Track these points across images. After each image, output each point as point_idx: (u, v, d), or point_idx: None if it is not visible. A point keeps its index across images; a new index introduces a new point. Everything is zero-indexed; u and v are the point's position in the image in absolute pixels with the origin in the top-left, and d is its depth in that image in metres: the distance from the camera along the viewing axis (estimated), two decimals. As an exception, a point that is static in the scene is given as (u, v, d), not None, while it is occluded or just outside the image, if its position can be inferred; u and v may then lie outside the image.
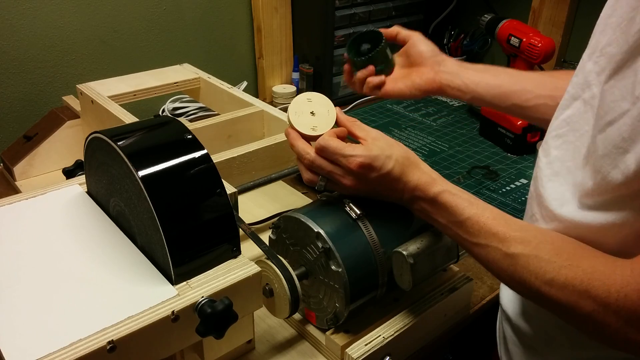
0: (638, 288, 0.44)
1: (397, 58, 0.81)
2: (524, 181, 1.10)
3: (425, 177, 0.61)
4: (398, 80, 0.80)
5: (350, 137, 0.65)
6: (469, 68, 0.78)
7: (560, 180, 0.56)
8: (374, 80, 0.79)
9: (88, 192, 0.69)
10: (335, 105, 0.69)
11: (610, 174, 0.47)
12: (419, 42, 0.79)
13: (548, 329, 0.62)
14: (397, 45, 0.82)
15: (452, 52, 1.56)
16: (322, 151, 0.62)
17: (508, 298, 0.69)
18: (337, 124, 0.67)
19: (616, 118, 0.47)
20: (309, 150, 0.64)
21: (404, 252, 0.61)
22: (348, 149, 0.61)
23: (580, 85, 0.55)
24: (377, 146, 0.61)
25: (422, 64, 0.79)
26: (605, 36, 0.52)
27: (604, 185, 0.49)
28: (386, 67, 0.79)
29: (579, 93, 0.55)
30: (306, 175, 0.65)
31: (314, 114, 0.67)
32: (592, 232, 0.51)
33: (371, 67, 0.78)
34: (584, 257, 0.49)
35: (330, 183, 0.64)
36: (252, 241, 0.64)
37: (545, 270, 0.49)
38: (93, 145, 0.63)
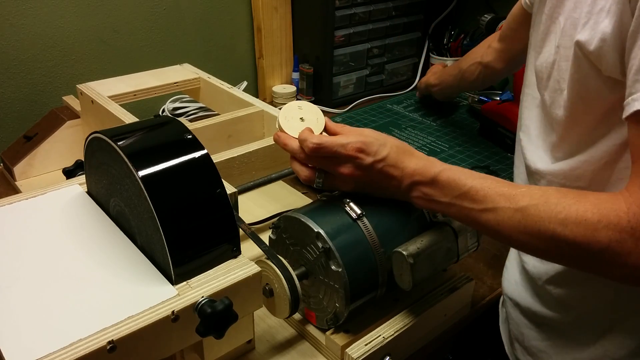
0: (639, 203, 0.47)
1: None
2: (524, 181, 1.10)
3: (422, 161, 0.62)
4: None
5: None
6: None
7: (533, 145, 0.66)
8: None
9: (88, 192, 0.69)
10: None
11: (557, 115, 0.59)
12: None
13: (561, 300, 0.64)
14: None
15: (452, 52, 1.56)
16: (318, 150, 0.63)
17: (512, 287, 0.71)
18: (326, 130, 0.68)
19: (551, 71, 0.59)
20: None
21: (404, 252, 0.61)
22: (342, 138, 0.63)
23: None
24: (370, 136, 0.63)
25: None
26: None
27: (559, 130, 0.59)
28: None
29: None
30: (303, 173, 0.65)
31: (303, 120, 0.69)
32: (568, 178, 0.60)
33: None
34: (589, 193, 0.52)
35: (328, 179, 0.65)
36: (252, 241, 0.64)
37: (557, 211, 0.50)
38: (93, 145, 0.63)
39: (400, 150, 0.63)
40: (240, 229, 0.61)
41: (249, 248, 0.64)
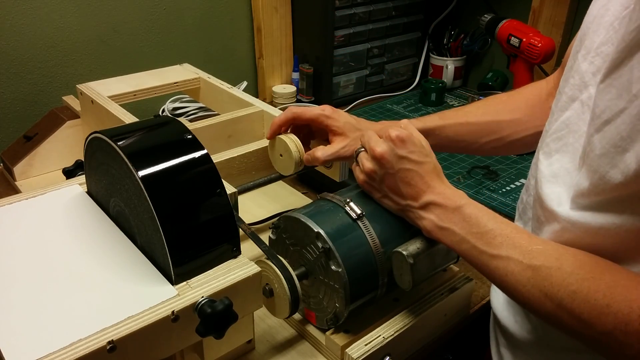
0: None
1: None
2: (524, 181, 1.10)
3: (451, 189, 0.61)
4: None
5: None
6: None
7: (558, 181, 0.56)
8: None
9: (88, 192, 0.69)
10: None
11: (608, 173, 0.47)
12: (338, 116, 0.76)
13: (541, 331, 0.62)
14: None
15: (452, 52, 1.56)
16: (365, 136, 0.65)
17: (498, 301, 0.69)
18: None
19: (613, 117, 0.46)
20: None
21: (404, 252, 0.61)
22: (390, 126, 0.63)
23: (577, 86, 0.55)
24: (419, 140, 0.62)
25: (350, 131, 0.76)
26: (599, 36, 0.52)
27: (601, 185, 0.48)
28: None
29: (576, 94, 0.55)
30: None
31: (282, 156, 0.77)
32: (589, 234, 0.51)
33: None
34: (606, 270, 0.48)
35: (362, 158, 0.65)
36: (252, 241, 0.64)
37: (569, 282, 0.48)
38: (93, 145, 0.63)
39: (437, 170, 0.62)
40: (240, 229, 0.61)
41: (249, 248, 0.64)
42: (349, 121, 0.76)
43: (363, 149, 0.66)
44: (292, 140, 0.75)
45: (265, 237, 0.69)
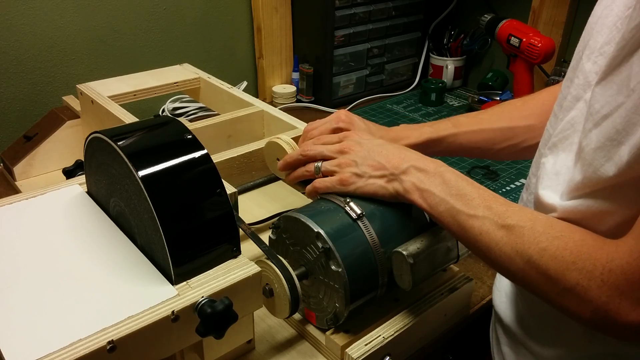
0: (621, 264, 0.45)
1: None
2: (524, 181, 1.10)
3: (429, 158, 0.63)
4: None
5: None
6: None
7: (559, 179, 0.57)
8: None
9: (88, 192, 0.69)
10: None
11: (603, 166, 0.49)
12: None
13: (545, 329, 0.62)
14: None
15: (452, 52, 1.56)
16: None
17: (501, 300, 0.69)
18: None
19: (612, 111, 0.48)
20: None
21: (404, 252, 0.61)
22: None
23: (582, 86, 0.56)
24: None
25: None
26: (602, 36, 0.53)
27: (594, 179, 0.50)
28: None
29: (580, 94, 0.56)
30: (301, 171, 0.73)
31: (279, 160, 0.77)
32: (584, 219, 0.52)
33: None
34: (576, 231, 0.50)
35: (326, 166, 0.69)
36: (252, 241, 0.64)
37: (539, 240, 0.50)
38: (93, 145, 0.63)
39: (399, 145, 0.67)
40: (240, 229, 0.61)
41: (249, 248, 0.64)
42: (361, 127, 0.78)
43: (320, 161, 0.69)
44: (287, 144, 0.74)
45: (265, 237, 0.69)
